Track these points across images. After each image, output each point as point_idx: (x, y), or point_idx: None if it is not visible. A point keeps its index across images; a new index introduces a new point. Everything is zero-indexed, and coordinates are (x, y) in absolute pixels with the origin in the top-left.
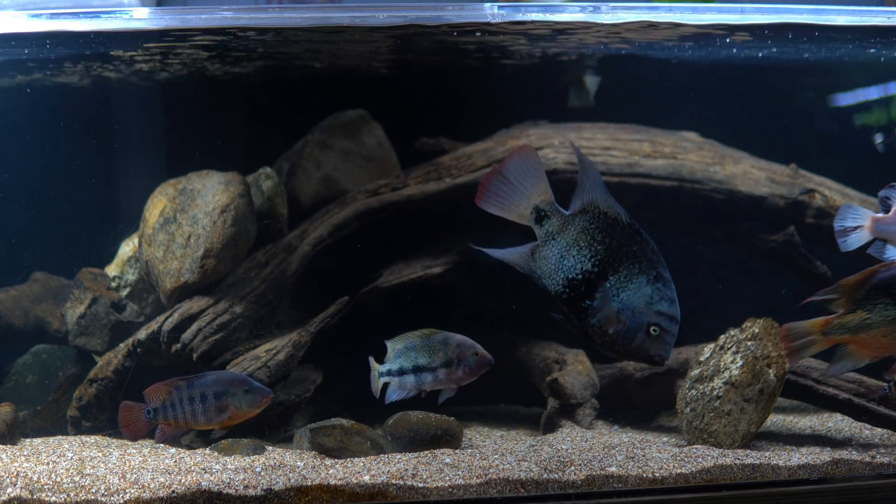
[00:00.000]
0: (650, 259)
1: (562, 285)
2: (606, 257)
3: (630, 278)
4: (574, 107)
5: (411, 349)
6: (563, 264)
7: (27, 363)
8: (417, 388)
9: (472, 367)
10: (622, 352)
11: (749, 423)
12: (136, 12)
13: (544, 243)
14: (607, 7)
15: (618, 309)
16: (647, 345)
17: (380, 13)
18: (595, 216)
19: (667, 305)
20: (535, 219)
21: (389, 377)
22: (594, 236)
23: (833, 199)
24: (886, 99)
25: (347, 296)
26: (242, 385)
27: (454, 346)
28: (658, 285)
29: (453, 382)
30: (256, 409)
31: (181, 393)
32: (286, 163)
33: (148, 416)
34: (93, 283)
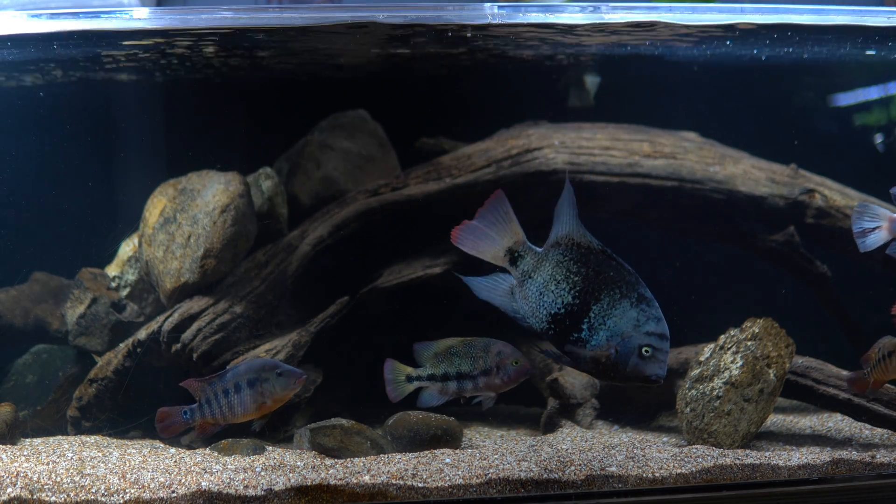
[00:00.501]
0: (629, 282)
1: (546, 322)
2: (585, 287)
3: (613, 304)
4: (574, 107)
5: (454, 355)
6: (543, 301)
7: (27, 363)
8: (458, 394)
9: (512, 376)
10: (618, 378)
11: (749, 423)
12: (136, 12)
13: (522, 283)
14: (607, 7)
15: (606, 337)
16: (642, 367)
17: (380, 13)
18: (568, 248)
19: (654, 325)
20: (509, 261)
21: (430, 382)
22: (570, 268)
23: (833, 199)
24: (886, 99)
25: (347, 296)
26: (274, 369)
27: (494, 353)
28: (642, 307)
29: (492, 390)
30: (291, 392)
31: (215, 387)
32: (286, 163)
33: (185, 418)
34: (93, 283)
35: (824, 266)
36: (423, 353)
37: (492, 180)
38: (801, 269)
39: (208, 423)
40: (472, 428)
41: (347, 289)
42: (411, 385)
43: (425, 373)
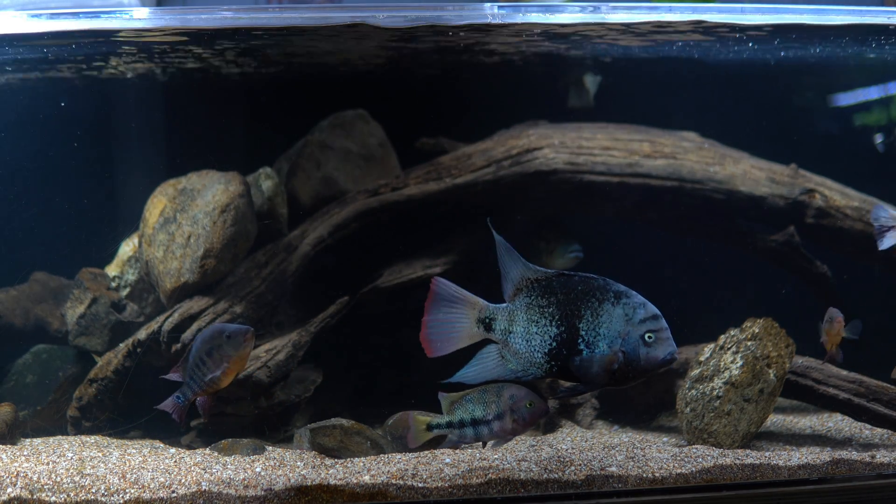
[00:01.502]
0: (599, 286)
1: (546, 362)
2: (564, 312)
3: (597, 313)
4: (574, 107)
5: (469, 401)
6: (533, 345)
7: (27, 363)
8: (476, 440)
9: (528, 418)
10: (638, 374)
11: (749, 423)
12: (136, 12)
13: (505, 342)
14: (607, 7)
15: (607, 344)
16: (653, 353)
17: (380, 13)
18: (529, 288)
19: (643, 311)
20: (484, 329)
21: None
22: (541, 304)
23: (833, 199)
24: (886, 99)
25: (347, 296)
26: (221, 334)
27: (507, 397)
28: (623, 301)
29: (509, 434)
30: (246, 349)
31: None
32: (286, 163)
33: (180, 402)
34: (93, 283)
35: (824, 266)
36: (444, 402)
37: (491, 180)
38: (801, 269)
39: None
40: None
41: (347, 289)
42: (430, 433)
43: (444, 421)
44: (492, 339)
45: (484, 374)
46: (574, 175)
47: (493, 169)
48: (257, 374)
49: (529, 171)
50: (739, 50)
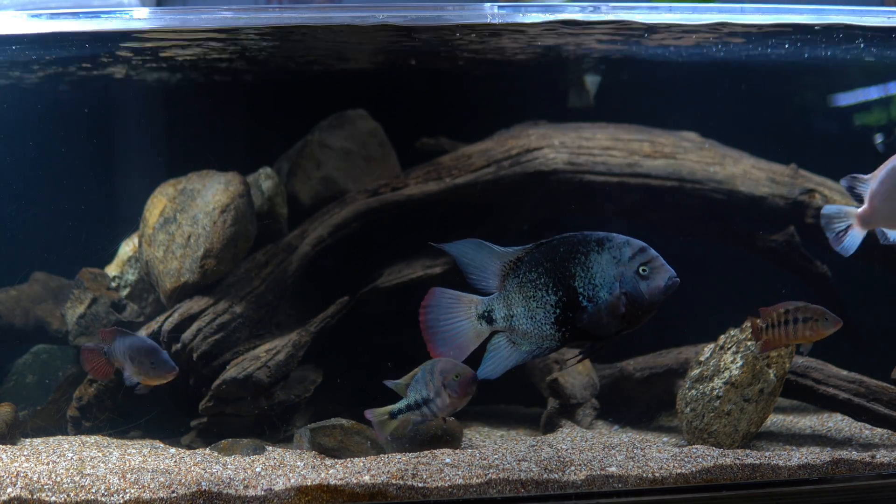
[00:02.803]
0: (579, 241)
1: (556, 331)
2: (555, 278)
3: (587, 266)
4: (574, 107)
5: (416, 382)
6: (538, 321)
7: (27, 363)
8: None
9: (458, 390)
10: (647, 310)
11: (749, 423)
12: (136, 12)
13: (511, 328)
14: (607, 7)
15: (607, 291)
16: (653, 284)
17: (380, 13)
18: (513, 270)
19: (629, 248)
20: (486, 323)
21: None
22: (531, 279)
23: (833, 200)
24: (886, 99)
25: (347, 296)
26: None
27: (437, 373)
28: (607, 246)
29: (451, 407)
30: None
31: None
32: (286, 163)
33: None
34: (93, 283)
35: (824, 266)
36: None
37: (492, 180)
38: (801, 269)
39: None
40: (472, 428)
41: (347, 289)
42: (395, 420)
43: (404, 405)
44: (497, 329)
45: (502, 365)
46: (574, 175)
47: (493, 169)
48: (257, 374)
49: (529, 171)
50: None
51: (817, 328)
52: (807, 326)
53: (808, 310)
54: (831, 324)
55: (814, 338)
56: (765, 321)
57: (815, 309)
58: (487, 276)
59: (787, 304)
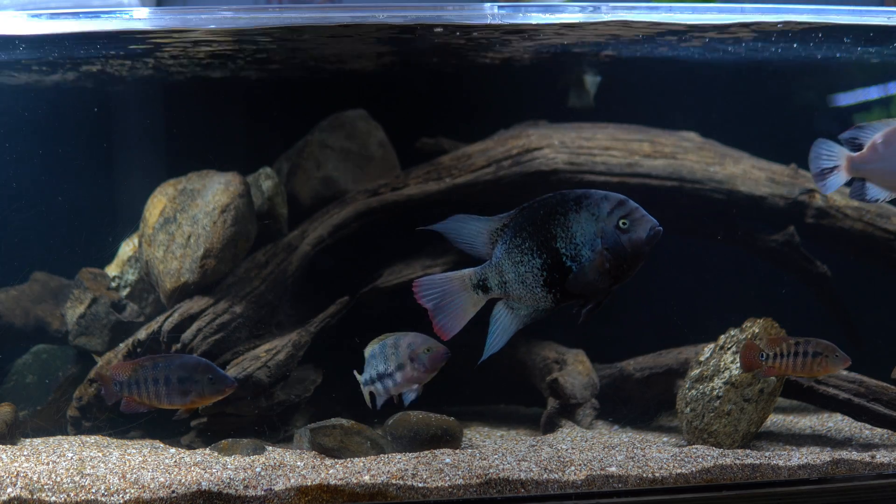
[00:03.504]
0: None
1: (547, 293)
2: (538, 242)
3: (566, 226)
4: (574, 107)
5: (373, 356)
6: (529, 285)
7: (27, 363)
8: (388, 394)
9: (428, 364)
10: (633, 264)
11: (749, 423)
12: (136, 12)
13: (506, 293)
14: (607, 7)
15: (589, 249)
16: (635, 236)
17: (380, 13)
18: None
19: (607, 203)
20: (482, 292)
21: (365, 386)
22: (516, 245)
23: (833, 199)
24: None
25: (347, 296)
26: (206, 373)
27: (405, 347)
28: (584, 203)
29: (413, 382)
30: (219, 396)
31: (146, 373)
32: (286, 163)
33: (117, 388)
34: (93, 283)
35: (824, 266)
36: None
37: (491, 180)
38: (801, 269)
39: (134, 400)
40: (472, 428)
41: (347, 289)
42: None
43: (361, 379)
44: (494, 297)
45: (505, 332)
46: (574, 175)
47: (493, 169)
48: (257, 374)
49: (529, 171)
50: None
51: (826, 364)
52: (815, 361)
53: (819, 345)
54: (840, 361)
55: (820, 373)
56: (772, 349)
57: (825, 345)
58: (478, 246)
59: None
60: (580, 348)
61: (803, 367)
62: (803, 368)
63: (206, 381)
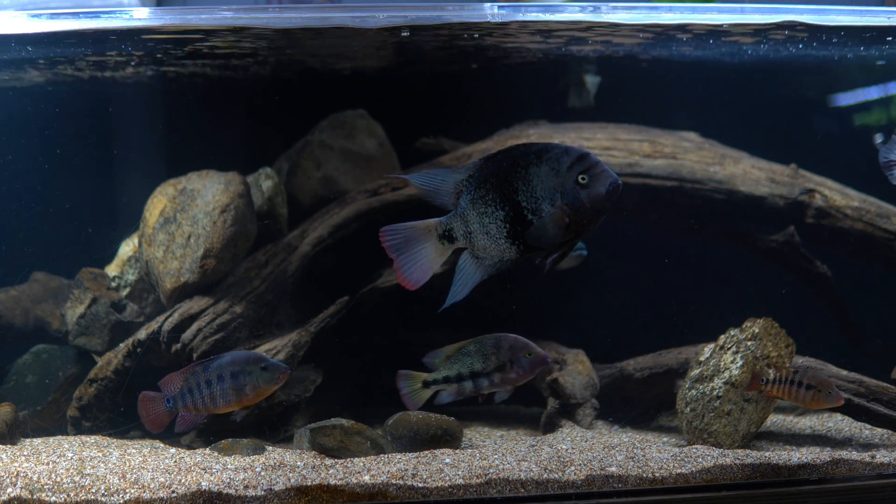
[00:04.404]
0: (520, 154)
1: (511, 244)
2: (501, 194)
3: (527, 179)
4: (574, 107)
5: (466, 355)
6: (493, 235)
7: (27, 363)
8: (475, 393)
9: (527, 368)
10: (592, 218)
11: (749, 423)
12: (136, 12)
13: (472, 244)
14: (607, 7)
15: (549, 202)
16: (593, 192)
17: (380, 13)
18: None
19: (567, 157)
20: (448, 242)
21: (445, 384)
22: (481, 195)
23: (833, 199)
24: (886, 99)
25: (347, 296)
26: (258, 363)
27: (506, 348)
28: (546, 157)
29: (509, 384)
30: (274, 386)
31: (198, 377)
32: (286, 163)
33: (168, 406)
34: (93, 283)
35: (824, 266)
36: (435, 360)
37: None
38: (801, 269)
39: (189, 410)
40: (472, 428)
41: (347, 289)
42: (428, 390)
43: (440, 376)
44: (460, 247)
45: (469, 280)
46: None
47: None
48: None
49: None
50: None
51: (818, 399)
52: (809, 394)
53: (815, 379)
54: (833, 399)
55: (812, 406)
56: (775, 374)
57: (822, 380)
58: (444, 196)
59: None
60: (580, 348)
61: (797, 397)
62: (797, 398)
63: (260, 371)
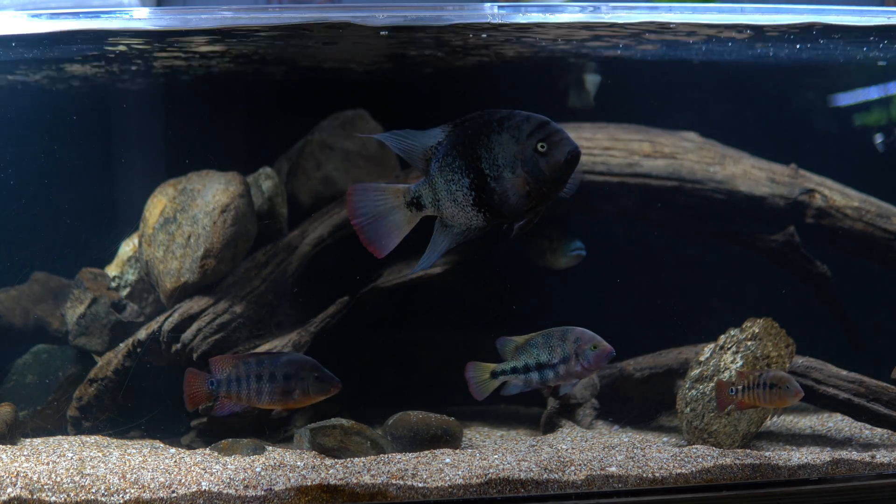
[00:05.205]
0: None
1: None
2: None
3: (490, 148)
4: (574, 107)
5: (534, 346)
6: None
7: (27, 363)
8: (541, 384)
9: (591, 362)
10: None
11: (749, 423)
12: (136, 12)
13: (440, 211)
14: (607, 7)
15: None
16: (552, 159)
17: (380, 13)
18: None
19: (527, 125)
20: (416, 208)
21: (513, 375)
22: (448, 162)
23: (833, 199)
24: (886, 99)
25: (347, 296)
26: (313, 371)
27: (572, 341)
28: (506, 124)
29: (575, 377)
30: (323, 396)
31: (249, 368)
32: (286, 163)
33: (211, 387)
34: (93, 283)
35: (824, 266)
36: (505, 348)
37: None
38: (801, 269)
39: (230, 398)
40: (472, 428)
41: (347, 289)
42: (496, 381)
43: (508, 366)
44: (429, 214)
45: (437, 248)
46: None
47: None
48: None
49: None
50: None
51: (781, 395)
52: (772, 393)
53: (775, 377)
54: (792, 394)
55: (778, 404)
56: (741, 382)
57: (780, 376)
58: (415, 161)
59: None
60: None
61: (764, 399)
62: (765, 400)
63: (313, 378)
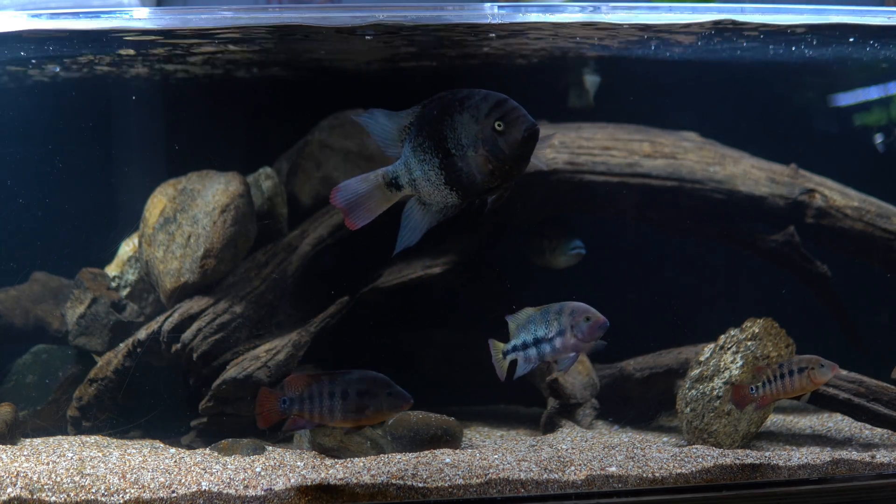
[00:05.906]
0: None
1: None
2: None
3: (453, 128)
4: (574, 107)
5: (531, 322)
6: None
7: (27, 363)
8: (541, 360)
9: (586, 332)
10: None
11: (749, 423)
12: (136, 12)
13: (415, 188)
14: (607, 7)
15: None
16: (510, 138)
17: (380, 13)
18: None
19: (485, 104)
20: (395, 188)
21: (515, 353)
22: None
23: (833, 199)
24: (886, 99)
25: (347, 296)
26: (385, 387)
27: (567, 313)
28: (467, 104)
29: (571, 350)
30: (395, 413)
31: (321, 387)
32: (286, 163)
33: (283, 406)
34: (93, 283)
35: (824, 266)
36: (511, 325)
37: None
38: (801, 269)
39: (303, 417)
40: (472, 428)
41: (347, 289)
42: (506, 359)
43: (510, 345)
44: (407, 194)
45: (417, 227)
46: (574, 175)
47: None
48: (257, 374)
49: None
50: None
51: (814, 376)
52: (802, 377)
53: (802, 360)
54: (828, 370)
55: (811, 388)
56: (759, 378)
57: (808, 358)
58: (389, 142)
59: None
60: None
61: (793, 386)
62: (794, 388)
63: (385, 395)
